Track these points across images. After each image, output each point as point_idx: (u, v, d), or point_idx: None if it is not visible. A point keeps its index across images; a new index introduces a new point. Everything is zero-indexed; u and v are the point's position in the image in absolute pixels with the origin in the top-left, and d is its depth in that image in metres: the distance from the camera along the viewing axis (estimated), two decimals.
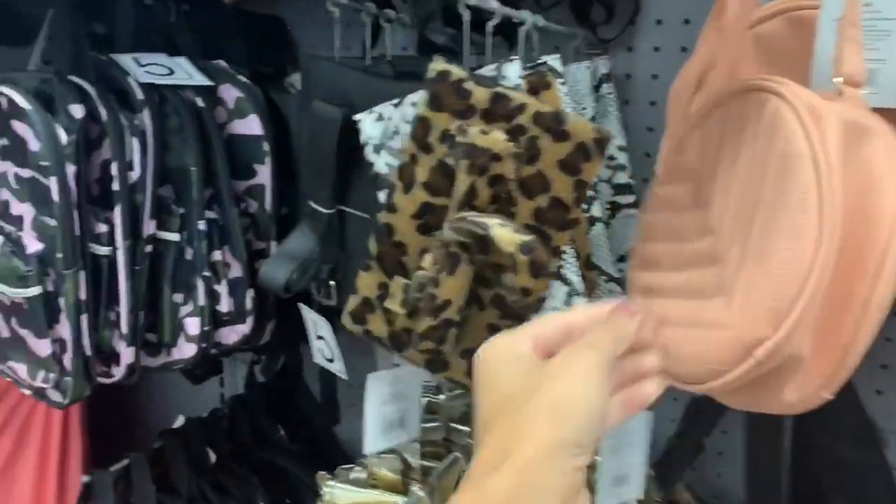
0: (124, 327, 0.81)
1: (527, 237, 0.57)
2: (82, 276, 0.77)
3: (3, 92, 0.75)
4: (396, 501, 0.84)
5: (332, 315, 0.82)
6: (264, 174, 0.87)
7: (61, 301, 0.77)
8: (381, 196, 0.70)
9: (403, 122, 0.68)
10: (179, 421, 1.23)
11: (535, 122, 0.60)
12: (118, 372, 0.83)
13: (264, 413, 1.16)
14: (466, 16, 0.67)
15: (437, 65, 0.62)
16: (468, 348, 0.67)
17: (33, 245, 0.77)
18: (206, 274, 0.84)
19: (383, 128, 0.69)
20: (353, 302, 0.71)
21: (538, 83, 0.71)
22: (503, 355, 0.39)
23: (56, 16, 0.81)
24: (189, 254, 0.84)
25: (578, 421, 0.35)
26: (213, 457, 1.08)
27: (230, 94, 0.87)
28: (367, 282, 0.69)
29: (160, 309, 0.84)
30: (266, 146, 0.87)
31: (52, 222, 0.75)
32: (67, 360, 0.79)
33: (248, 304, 0.86)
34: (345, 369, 0.87)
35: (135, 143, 0.79)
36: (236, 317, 0.87)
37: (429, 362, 0.70)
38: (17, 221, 0.79)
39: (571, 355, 0.37)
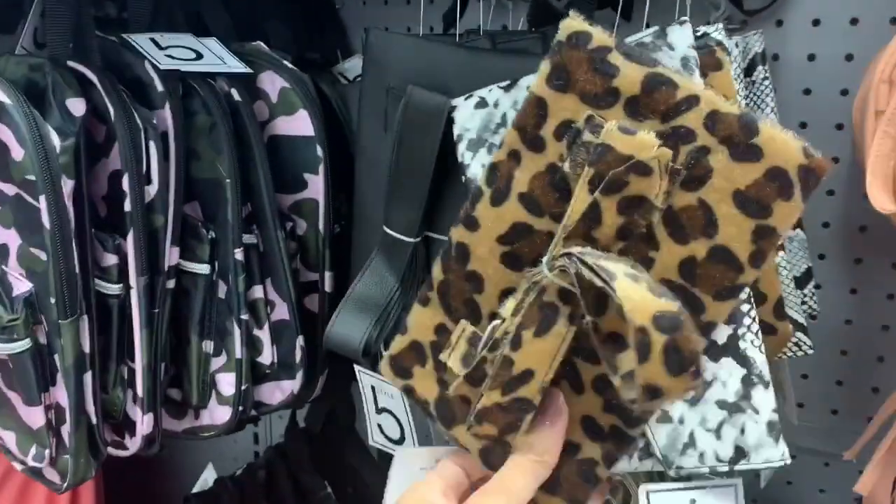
0: (140, 389, 0.62)
1: (671, 305, 0.35)
2: (85, 323, 0.59)
3: None
4: None
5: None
6: (317, 186, 0.68)
7: (57, 358, 0.58)
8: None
9: (513, 110, 0.48)
10: (209, 474, 1.05)
11: (709, 128, 0.38)
12: (133, 444, 0.64)
13: (308, 467, 0.97)
14: None
15: (573, 22, 0.41)
16: None
17: (20, 285, 0.58)
18: (244, 316, 0.65)
19: (485, 117, 0.49)
20: (398, 343, 0.49)
21: (706, 62, 0.51)
22: None
23: None
24: (222, 290, 0.65)
25: None
26: None
27: (273, 83, 0.68)
28: (421, 319, 0.48)
29: (187, 361, 0.66)
30: (319, 151, 0.67)
31: (43, 255, 0.56)
32: (66, 433, 0.61)
33: (298, 354, 0.67)
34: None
35: (153, 149, 0.60)
36: (282, 371, 0.68)
37: (484, 451, 0.48)
38: (2, 254, 0.60)
39: None
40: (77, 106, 0.58)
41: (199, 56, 0.66)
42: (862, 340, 0.76)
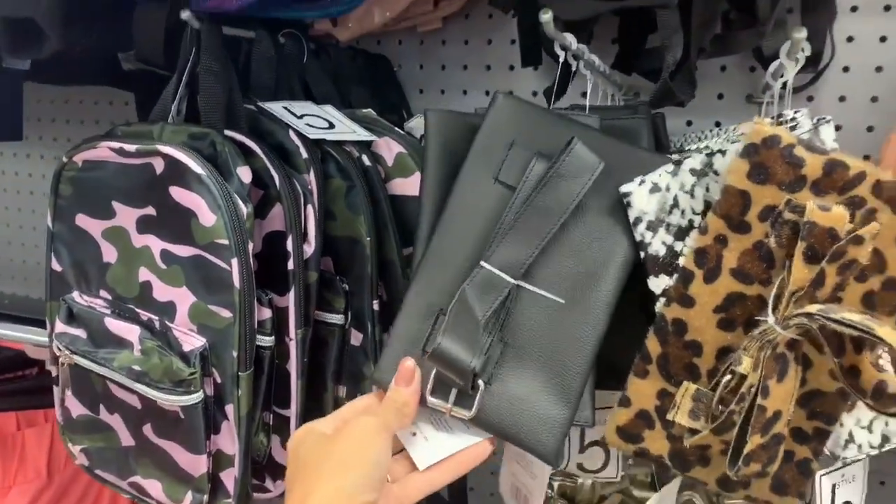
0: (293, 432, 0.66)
1: None
2: (252, 376, 0.63)
3: (160, 151, 0.61)
4: None
5: None
6: None
7: (229, 409, 0.62)
8: (657, 283, 0.58)
9: (682, 192, 0.58)
10: None
11: (875, 194, 0.51)
12: (279, 487, 0.68)
13: None
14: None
15: (763, 128, 0.52)
16: None
17: (192, 341, 0.62)
18: None
19: (660, 200, 0.58)
20: (623, 416, 0.59)
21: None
22: (306, 435, 0.48)
23: (201, 56, 0.66)
24: (356, 339, 0.71)
25: (361, 469, 0.44)
26: None
27: (390, 148, 0.74)
28: (643, 390, 0.58)
29: (322, 405, 0.71)
30: None
31: (227, 313, 0.61)
32: (229, 479, 0.64)
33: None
34: None
35: (311, 212, 0.66)
36: None
37: (723, 481, 0.59)
38: (165, 310, 0.64)
39: (354, 423, 0.47)
40: (245, 174, 0.63)
41: (332, 125, 0.72)
42: None
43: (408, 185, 0.74)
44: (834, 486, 0.62)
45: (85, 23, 0.76)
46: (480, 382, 0.56)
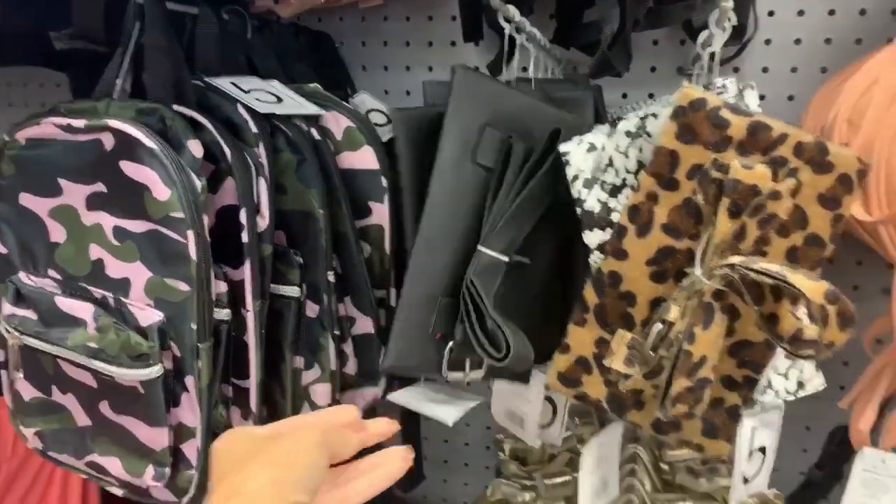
0: (254, 404, 0.68)
1: (827, 284, 0.51)
2: (211, 347, 0.64)
3: (110, 126, 0.60)
4: None
5: None
6: (381, 213, 0.76)
7: (189, 381, 0.63)
8: (592, 237, 0.62)
9: (617, 152, 0.61)
10: None
11: (797, 154, 0.56)
12: None
13: None
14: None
15: (690, 91, 0.55)
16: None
17: (149, 315, 0.62)
18: (337, 332, 0.72)
19: (596, 159, 0.61)
20: (563, 362, 0.63)
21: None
22: (239, 435, 0.45)
23: (146, 31, 0.66)
24: (312, 311, 0.72)
25: (298, 470, 0.42)
26: None
27: (338, 122, 0.75)
28: (582, 338, 0.62)
29: (280, 377, 0.72)
30: (384, 181, 0.76)
31: (184, 286, 0.61)
32: (191, 450, 0.65)
33: (381, 364, 0.75)
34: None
35: (263, 185, 0.66)
36: (364, 380, 0.75)
37: (657, 425, 0.63)
38: (119, 286, 0.64)
39: (295, 429, 0.45)
40: (196, 147, 0.63)
41: (280, 100, 0.72)
42: None
43: (357, 159, 0.76)
44: (753, 428, 0.67)
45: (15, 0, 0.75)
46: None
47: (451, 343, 0.66)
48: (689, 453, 0.89)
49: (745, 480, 0.68)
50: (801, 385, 0.64)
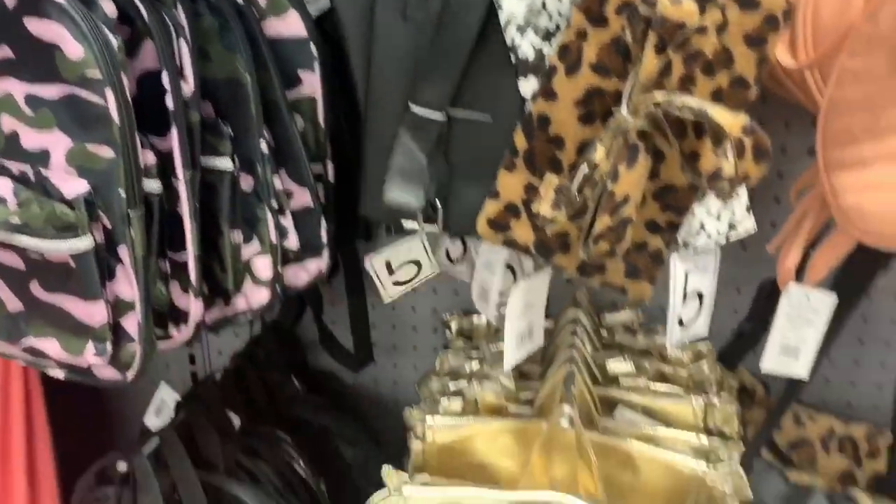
0: (192, 277, 0.66)
1: (745, 117, 0.52)
2: (143, 216, 0.62)
3: None
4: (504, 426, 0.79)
5: None
6: (312, 83, 0.74)
7: (123, 251, 0.61)
8: (526, 85, 0.62)
9: None
10: (165, 394, 1.07)
11: None
12: (183, 332, 0.69)
13: (274, 367, 1.04)
14: None
15: None
16: (627, 249, 0.63)
17: (73, 185, 0.60)
18: (274, 203, 0.71)
19: (529, 3, 0.60)
20: (492, 208, 0.63)
21: None
22: None
23: None
24: (247, 183, 0.70)
25: None
26: (237, 421, 0.95)
27: None
28: (510, 183, 0.62)
29: (219, 251, 0.70)
30: (313, 49, 0.73)
31: (108, 151, 0.58)
32: (131, 324, 0.64)
33: (324, 235, 0.74)
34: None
35: (185, 48, 0.63)
36: (306, 253, 0.75)
37: (582, 267, 0.65)
38: (38, 158, 0.61)
39: None
40: (108, 5, 0.59)
41: None
42: None
43: (282, 25, 0.73)
44: (687, 272, 0.69)
45: None
46: (438, 203, 0.67)
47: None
48: (627, 315, 0.92)
49: (681, 323, 0.70)
50: (732, 227, 0.67)
